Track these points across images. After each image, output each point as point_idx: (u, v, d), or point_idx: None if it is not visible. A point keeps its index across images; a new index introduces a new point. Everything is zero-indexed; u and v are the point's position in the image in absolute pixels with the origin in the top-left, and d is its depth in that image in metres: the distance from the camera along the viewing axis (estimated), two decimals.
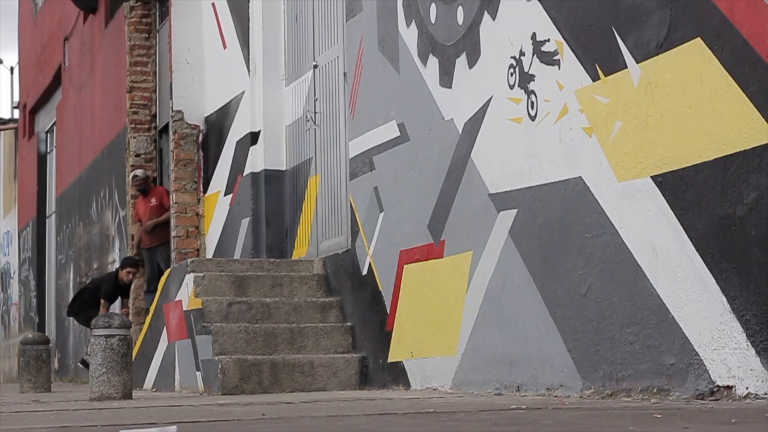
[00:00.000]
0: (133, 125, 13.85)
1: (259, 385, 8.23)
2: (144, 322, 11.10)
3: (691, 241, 5.26)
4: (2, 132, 26.44)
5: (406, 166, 7.98)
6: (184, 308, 9.26)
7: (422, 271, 7.72)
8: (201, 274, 9.17)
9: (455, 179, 7.29)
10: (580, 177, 6.05)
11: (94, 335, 7.88)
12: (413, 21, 7.92)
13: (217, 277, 9.22)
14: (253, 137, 10.76)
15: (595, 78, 5.95)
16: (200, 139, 12.14)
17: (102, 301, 13.45)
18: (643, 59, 5.60)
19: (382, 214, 8.34)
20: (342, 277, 9.09)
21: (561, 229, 6.21)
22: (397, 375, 7.99)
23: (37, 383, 11.09)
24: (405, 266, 7.96)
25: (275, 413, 5.20)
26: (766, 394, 4.81)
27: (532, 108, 6.50)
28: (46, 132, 22.02)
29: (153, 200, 13.30)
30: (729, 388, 5.00)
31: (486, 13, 6.98)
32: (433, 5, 7.67)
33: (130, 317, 12.60)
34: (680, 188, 5.35)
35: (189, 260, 9.58)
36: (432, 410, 5.07)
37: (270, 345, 8.63)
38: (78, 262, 18.15)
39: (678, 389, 5.28)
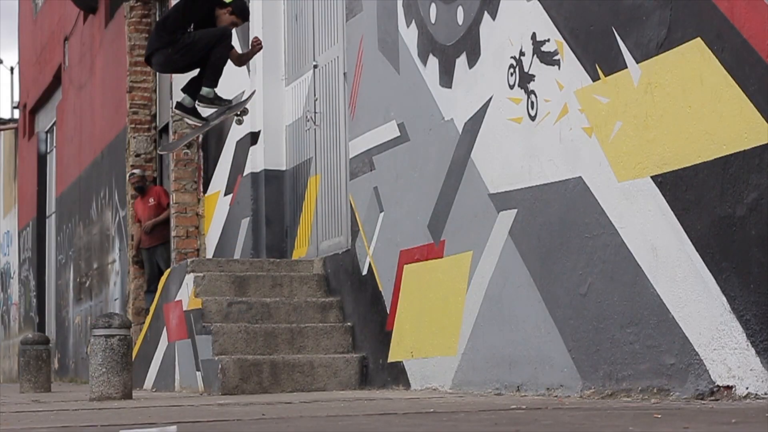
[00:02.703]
0: (133, 125, 13.85)
1: (259, 385, 8.23)
2: (144, 322, 11.10)
3: (691, 241, 5.25)
4: (2, 132, 26.43)
5: (406, 166, 7.98)
6: (184, 308, 9.26)
7: (422, 271, 7.72)
8: (201, 274, 9.17)
9: (455, 179, 7.29)
10: (580, 177, 6.05)
11: (94, 335, 7.89)
12: (413, 21, 7.91)
13: (217, 277, 9.21)
14: (253, 137, 10.75)
15: (595, 78, 5.95)
16: (200, 139, 12.14)
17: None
18: (643, 59, 5.60)
19: (382, 214, 8.33)
20: (342, 277, 9.09)
21: (561, 229, 6.21)
22: (397, 375, 7.99)
23: (37, 383, 11.09)
24: (405, 266, 7.96)
25: (275, 413, 5.20)
26: (766, 394, 4.80)
27: (532, 108, 6.49)
28: (46, 132, 22.01)
29: (151, 200, 13.33)
30: (729, 388, 5.00)
31: (486, 13, 6.98)
32: (433, 5, 7.66)
33: (130, 317, 12.60)
34: (680, 188, 5.34)
35: (189, 260, 9.58)
36: (432, 410, 5.07)
37: (270, 345, 8.63)
38: (78, 262, 18.14)
39: (678, 389, 5.28)
